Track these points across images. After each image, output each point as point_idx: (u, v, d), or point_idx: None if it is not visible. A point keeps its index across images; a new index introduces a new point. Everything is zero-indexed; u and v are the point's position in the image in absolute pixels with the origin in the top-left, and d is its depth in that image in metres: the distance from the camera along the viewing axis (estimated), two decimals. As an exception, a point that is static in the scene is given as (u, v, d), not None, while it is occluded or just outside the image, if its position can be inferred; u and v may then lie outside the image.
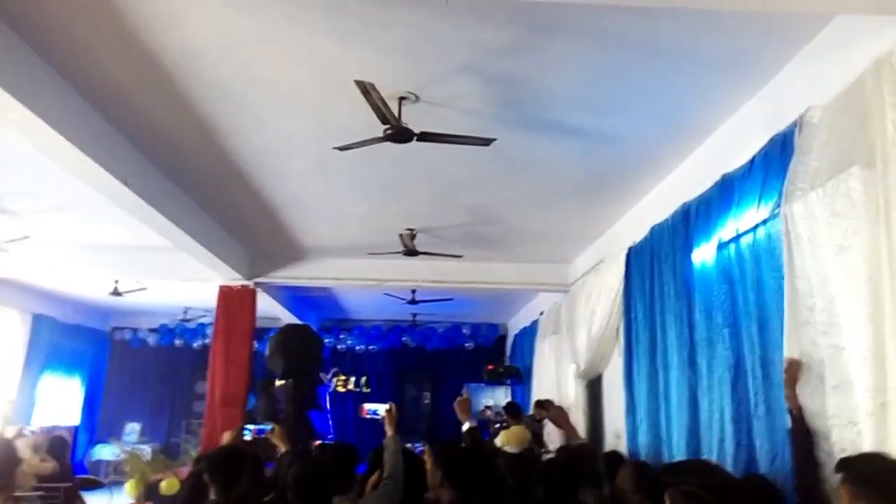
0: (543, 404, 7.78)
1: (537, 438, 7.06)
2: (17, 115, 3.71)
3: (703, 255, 4.30)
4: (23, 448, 6.26)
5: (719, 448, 3.86)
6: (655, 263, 5.11)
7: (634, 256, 5.65)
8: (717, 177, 4.08)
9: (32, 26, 3.43)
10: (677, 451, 4.43)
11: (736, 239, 3.83)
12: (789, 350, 3.00)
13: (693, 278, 4.43)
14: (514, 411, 7.60)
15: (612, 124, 4.28)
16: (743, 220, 3.76)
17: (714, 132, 4.30)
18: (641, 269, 5.43)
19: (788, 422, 3.06)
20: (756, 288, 3.55)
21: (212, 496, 3.22)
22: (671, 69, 3.60)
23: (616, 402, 6.02)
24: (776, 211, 3.33)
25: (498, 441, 6.45)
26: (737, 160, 3.85)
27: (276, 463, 4.52)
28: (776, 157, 3.42)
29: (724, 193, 3.99)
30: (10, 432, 6.26)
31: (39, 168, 5.17)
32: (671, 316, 4.73)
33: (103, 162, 4.48)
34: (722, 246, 4.00)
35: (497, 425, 7.99)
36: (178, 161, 5.22)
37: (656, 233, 5.14)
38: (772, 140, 3.47)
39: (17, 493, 5.31)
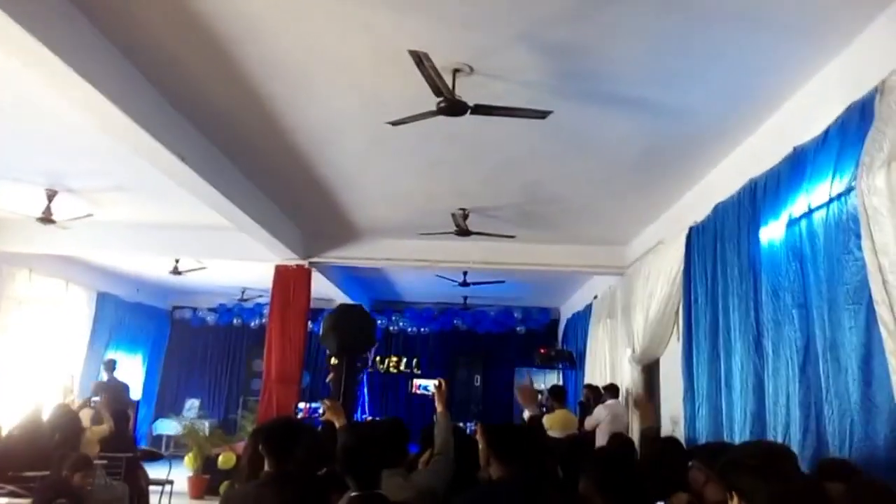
0: (592, 389, 7.70)
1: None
2: (81, 93, 3.80)
3: (771, 233, 4.09)
4: (85, 418, 6.52)
5: (785, 434, 3.69)
6: (719, 243, 4.91)
7: (696, 236, 5.45)
8: (787, 150, 3.86)
9: (94, 4, 3.48)
10: (740, 437, 4.26)
11: (807, 215, 3.63)
12: (886, 326, 2.79)
13: (760, 258, 4.23)
14: (557, 395, 7.45)
15: (675, 96, 4.10)
16: (815, 195, 3.55)
17: (785, 103, 4.07)
18: (703, 250, 5.23)
19: None
20: (828, 266, 3.35)
21: (266, 467, 3.24)
22: (739, 35, 3.41)
23: (674, 386, 5.86)
24: (852, 184, 3.12)
25: (548, 423, 6.40)
26: (810, 132, 3.64)
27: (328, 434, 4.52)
28: (853, 127, 3.21)
29: (796, 167, 3.78)
30: (75, 404, 6.50)
31: (102, 147, 5.33)
32: (735, 297, 4.54)
33: (163, 139, 4.57)
34: (792, 223, 3.79)
35: (542, 409, 7.95)
36: (236, 140, 5.29)
37: (720, 211, 4.93)
38: (849, 108, 3.26)
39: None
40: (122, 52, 3.94)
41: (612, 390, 7.24)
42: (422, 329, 13.41)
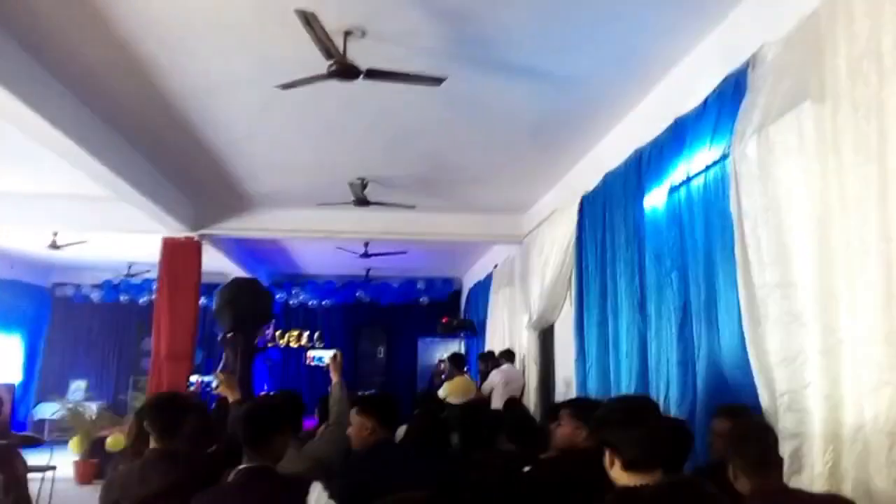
0: (486, 357, 7.93)
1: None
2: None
3: (655, 200, 4.28)
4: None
5: (666, 391, 3.91)
6: (608, 211, 5.09)
7: (587, 205, 5.63)
8: (669, 120, 4.03)
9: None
10: (627, 395, 4.47)
11: (686, 182, 3.82)
12: (742, 290, 3.00)
13: (644, 224, 4.42)
14: (457, 363, 7.79)
15: (565, 64, 4.17)
16: (694, 163, 3.74)
17: (668, 73, 4.23)
18: (594, 218, 5.42)
19: None
20: (704, 230, 3.55)
21: (151, 445, 3.09)
22: (625, 5, 3.50)
23: (567, 350, 6.08)
24: (727, 151, 3.30)
25: (441, 392, 6.59)
26: (690, 102, 3.81)
27: (221, 411, 4.39)
28: (729, 97, 3.38)
29: (677, 137, 3.95)
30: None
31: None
32: (622, 263, 4.74)
33: (31, 102, 4.19)
34: (673, 190, 3.98)
35: (441, 377, 8.20)
36: (116, 106, 4.95)
37: (609, 180, 5.11)
38: (725, 79, 3.43)
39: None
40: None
41: (508, 355, 7.45)
42: (323, 302, 13.23)
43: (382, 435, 3.07)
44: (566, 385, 6.12)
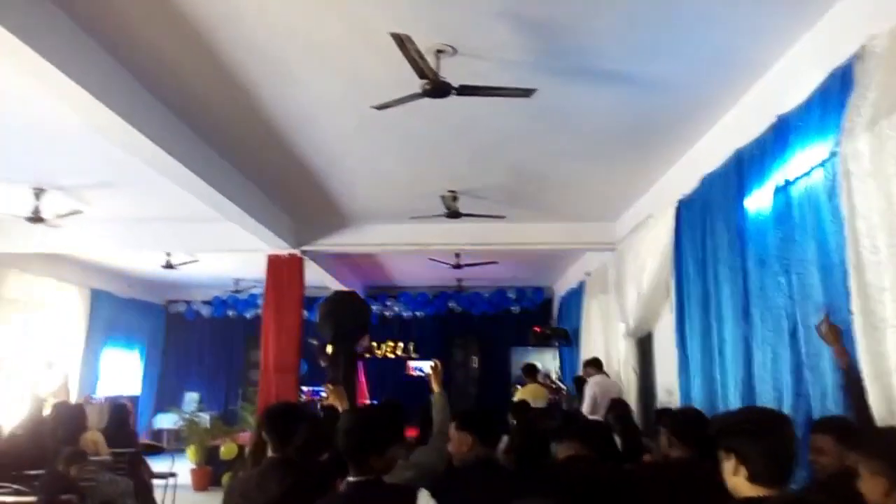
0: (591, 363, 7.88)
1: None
2: (63, 89, 3.78)
3: (758, 202, 4.13)
4: (90, 415, 6.54)
5: (777, 399, 3.75)
6: (707, 215, 4.95)
7: (685, 209, 5.48)
8: (771, 119, 3.88)
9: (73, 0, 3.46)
10: (733, 405, 4.32)
11: (792, 183, 3.66)
12: (855, 293, 2.86)
13: (747, 227, 4.27)
14: (529, 372, 8.65)
15: (657, 68, 4.11)
16: (799, 162, 3.59)
17: (767, 72, 4.09)
18: (692, 222, 5.27)
19: (840, 378, 2.99)
20: (814, 232, 3.39)
21: (269, 453, 3.27)
22: (719, 4, 3.42)
23: (667, 358, 5.92)
24: (835, 150, 3.16)
25: (516, 397, 7.38)
26: (792, 100, 3.66)
27: (330, 421, 4.56)
28: (835, 93, 3.23)
29: (780, 136, 3.80)
30: (80, 401, 6.54)
31: (88, 142, 5.31)
32: (724, 268, 4.59)
33: (146, 131, 4.54)
34: (777, 191, 3.83)
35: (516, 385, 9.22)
36: (220, 129, 5.27)
37: (707, 183, 4.96)
38: (830, 75, 3.28)
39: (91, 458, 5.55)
40: (101, 44, 3.91)
41: (595, 365, 7.35)
42: (417, 313, 13.46)
43: (483, 452, 3.09)
44: (668, 394, 5.96)
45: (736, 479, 1.84)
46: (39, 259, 9.21)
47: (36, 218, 6.77)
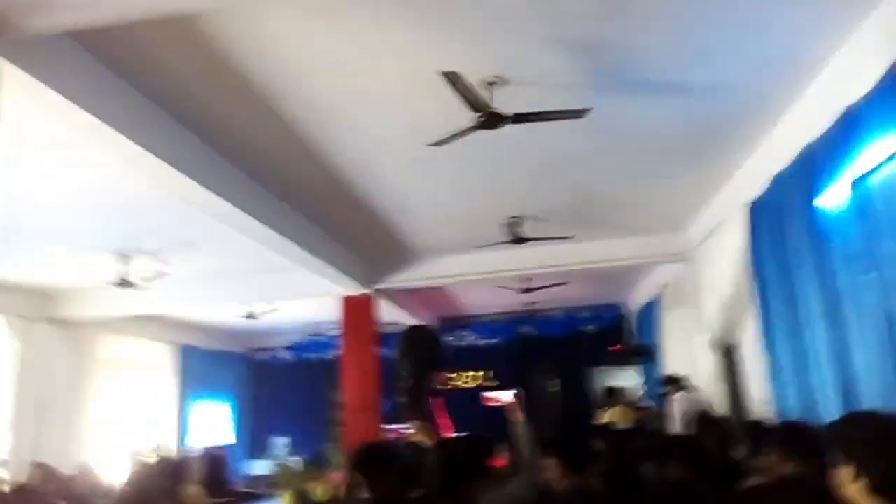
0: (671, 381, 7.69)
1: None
2: (149, 163, 4.06)
3: (835, 197, 3.97)
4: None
5: (883, 402, 3.54)
6: (782, 215, 4.78)
7: (757, 211, 5.31)
8: (838, 111, 3.75)
9: (145, 76, 3.72)
10: (834, 411, 4.10)
11: (868, 175, 3.52)
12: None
13: (826, 224, 4.10)
14: (610, 394, 8.93)
15: (711, 73, 4.04)
16: (873, 153, 3.44)
17: (828, 64, 3.95)
18: (768, 224, 5.09)
19: None
20: (899, 224, 3.24)
21: (364, 493, 3.31)
22: (767, 4, 3.36)
23: (756, 368, 5.69)
24: (914, 136, 3.02)
25: (603, 420, 7.48)
26: (858, 90, 3.53)
27: (418, 456, 4.59)
28: (906, 77, 3.11)
29: (850, 127, 3.66)
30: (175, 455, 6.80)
31: (166, 207, 5.61)
32: (807, 269, 4.41)
33: (223, 193, 4.80)
34: (855, 184, 3.68)
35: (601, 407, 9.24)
36: (289, 182, 5.51)
37: (779, 182, 4.81)
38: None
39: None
40: (173, 116, 4.17)
41: (671, 382, 7.15)
42: (491, 340, 13.41)
43: (573, 479, 3.05)
44: (761, 405, 5.71)
45: (852, 488, 1.74)
46: (129, 320, 9.70)
47: (124, 283, 7.15)
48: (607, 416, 7.31)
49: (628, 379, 11.44)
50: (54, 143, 4.30)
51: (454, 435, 6.89)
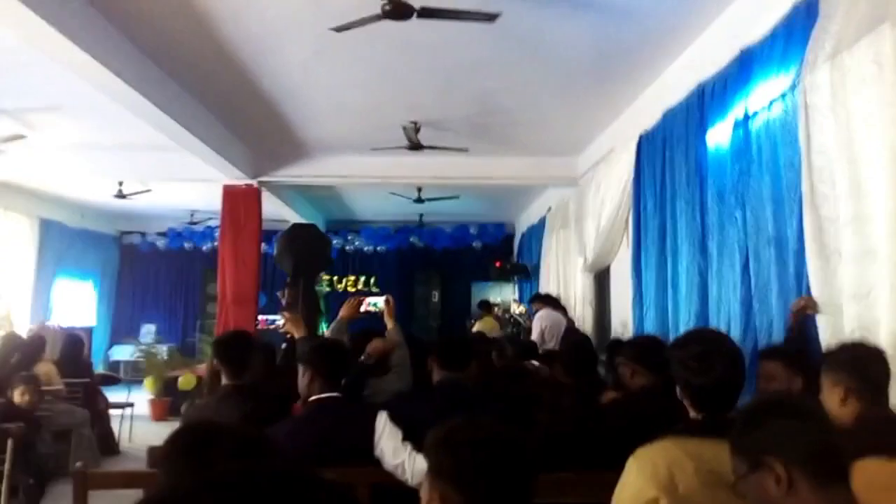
0: (535, 299, 8.11)
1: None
2: (14, 11, 3.53)
3: (718, 136, 4.15)
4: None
5: (727, 331, 3.86)
6: (667, 149, 4.97)
7: (646, 143, 5.50)
8: (734, 52, 3.86)
9: None
10: (684, 335, 4.45)
11: (752, 116, 3.68)
12: (808, 222, 2.92)
13: (706, 162, 4.31)
14: (485, 306, 9.73)
15: (625, -5, 4.01)
16: (760, 95, 3.59)
17: (732, 3, 4.03)
18: (653, 157, 5.29)
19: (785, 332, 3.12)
20: (772, 166, 3.43)
21: (223, 381, 3.26)
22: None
23: (623, 293, 6.04)
24: (795, 82, 3.16)
25: (475, 328, 8.06)
26: (756, 31, 3.63)
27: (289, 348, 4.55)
28: (799, 25, 3.22)
29: (742, 68, 3.79)
30: (33, 328, 6.39)
31: (33, 64, 5.00)
32: (682, 202, 4.64)
33: (98, 56, 4.31)
34: (737, 125, 3.84)
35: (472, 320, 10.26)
36: (177, 56, 5.04)
37: (669, 117, 4.96)
38: (795, 5, 3.25)
39: (43, 388, 5.47)
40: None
41: (542, 299, 7.54)
42: (378, 248, 13.42)
43: (446, 376, 3.13)
44: (623, 326, 6.12)
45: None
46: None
47: (-25, 141, 6.44)
48: (477, 326, 7.79)
49: (506, 295, 11.89)
50: None
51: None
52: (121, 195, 9.45)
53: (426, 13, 3.76)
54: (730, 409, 1.80)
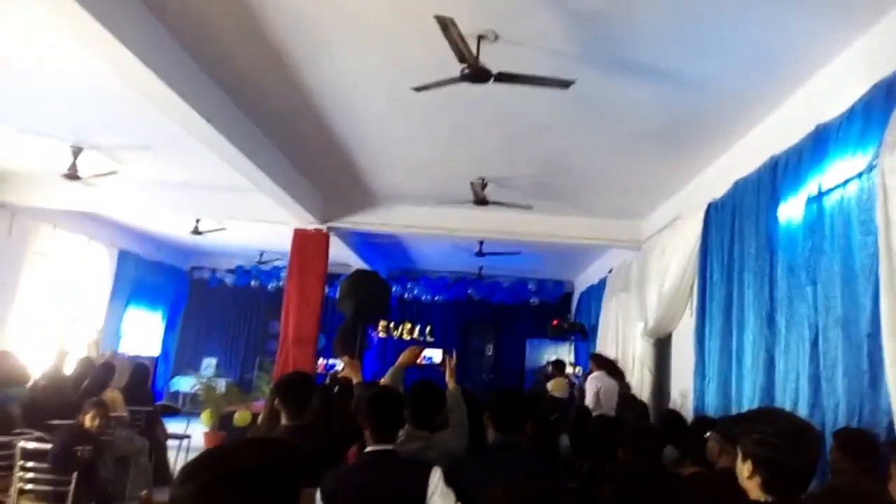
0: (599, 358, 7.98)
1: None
2: (108, 48, 3.82)
3: (790, 210, 4.09)
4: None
5: (793, 408, 3.73)
6: (737, 220, 4.92)
7: (714, 212, 5.45)
8: (810, 127, 3.85)
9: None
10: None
11: (827, 193, 3.63)
12: (886, 307, 2.84)
13: (777, 235, 4.24)
14: (559, 366, 9.09)
15: (698, 67, 4.07)
16: (836, 173, 3.55)
17: (810, 78, 4.04)
18: (721, 226, 5.24)
19: None
20: (846, 244, 3.37)
21: (283, 421, 3.33)
22: (765, 7, 3.38)
23: (685, 361, 5.91)
24: (874, 163, 3.12)
25: (548, 387, 7.62)
26: (834, 109, 3.62)
27: (344, 392, 4.61)
28: (878, 106, 3.20)
29: (818, 145, 3.76)
30: (106, 355, 6.69)
31: (128, 105, 5.39)
32: (750, 274, 4.56)
33: (188, 98, 4.61)
34: (811, 200, 3.80)
35: (545, 377, 9.64)
36: (258, 100, 5.31)
37: (740, 188, 4.93)
38: (876, 86, 3.24)
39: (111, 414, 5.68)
40: (149, 7, 3.97)
41: (598, 360, 7.40)
42: (436, 297, 13.52)
43: (501, 437, 3.10)
44: (682, 396, 5.95)
45: (750, 483, 1.81)
46: (72, 215, 9.40)
47: (72, 175, 6.89)
48: (551, 386, 7.67)
49: (561, 354, 11.72)
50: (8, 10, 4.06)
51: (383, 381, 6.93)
52: (197, 231, 9.89)
53: (503, 78, 3.89)
54: (803, 492, 1.74)
